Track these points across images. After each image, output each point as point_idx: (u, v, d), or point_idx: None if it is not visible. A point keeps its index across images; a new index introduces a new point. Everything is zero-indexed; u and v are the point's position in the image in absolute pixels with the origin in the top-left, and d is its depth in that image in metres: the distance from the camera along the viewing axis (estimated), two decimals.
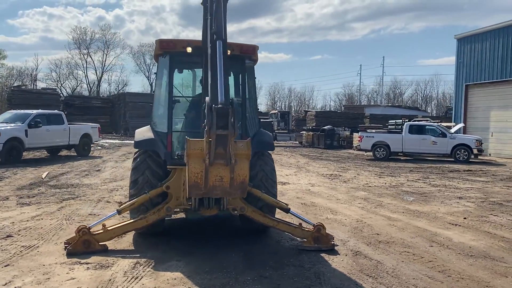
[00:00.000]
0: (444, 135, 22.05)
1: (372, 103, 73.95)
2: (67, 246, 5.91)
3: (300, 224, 6.57)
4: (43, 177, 13.19)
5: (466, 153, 21.54)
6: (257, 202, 6.50)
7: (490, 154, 25.63)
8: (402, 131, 23.27)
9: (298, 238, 6.62)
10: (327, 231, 6.52)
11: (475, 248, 6.62)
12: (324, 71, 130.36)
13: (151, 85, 75.34)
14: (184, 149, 6.44)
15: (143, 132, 6.91)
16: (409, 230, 7.64)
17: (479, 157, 22.77)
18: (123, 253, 5.94)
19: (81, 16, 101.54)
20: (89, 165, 16.79)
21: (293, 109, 77.43)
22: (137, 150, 6.82)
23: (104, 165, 16.97)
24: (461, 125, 26.16)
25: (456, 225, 8.12)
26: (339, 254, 6.14)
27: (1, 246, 6.10)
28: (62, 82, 69.41)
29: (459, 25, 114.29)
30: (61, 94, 52.99)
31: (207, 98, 4.24)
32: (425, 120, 29.95)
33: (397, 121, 32.46)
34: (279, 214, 6.89)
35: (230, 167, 4.33)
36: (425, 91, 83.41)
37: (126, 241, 6.51)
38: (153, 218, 6.21)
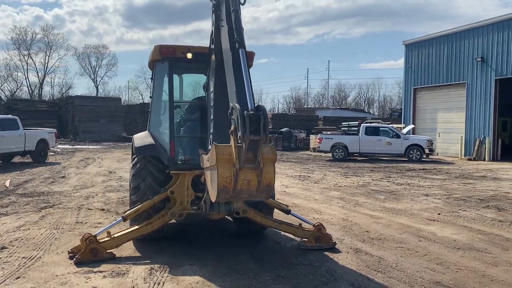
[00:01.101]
0: (397, 136, 23.21)
1: (318, 106, 75.91)
2: (73, 255, 5.79)
3: (300, 224, 6.81)
4: (7, 185, 12.56)
5: (419, 152, 22.80)
6: (256, 204, 6.65)
7: (437, 154, 27.22)
8: (358, 132, 24.21)
9: (297, 238, 6.85)
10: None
11: (460, 241, 7.15)
12: (271, 74, 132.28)
13: (96, 87, 72.99)
14: (185, 154, 6.55)
15: (143, 138, 6.87)
16: (394, 227, 8.09)
17: (430, 156, 24.17)
18: (132, 260, 5.90)
19: (17, 15, 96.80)
20: (51, 172, 16.13)
21: None
22: (135, 155, 6.76)
23: (66, 172, 16.37)
24: (411, 126, 27.61)
25: (434, 220, 8.70)
26: (341, 252, 6.43)
27: (0, 258, 5.85)
28: (0, 85, 65.63)
29: (397, 31, 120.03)
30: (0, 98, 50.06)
31: (236, 105, 4.35)
32: (376, 122, 31.28)
33: (350, 123, 33.67)
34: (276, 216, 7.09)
35: (258, 171, 4.46)
36: (368, 94, 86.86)
37: (129, 248, 6.44)
38: (158, 224, 6.23)
